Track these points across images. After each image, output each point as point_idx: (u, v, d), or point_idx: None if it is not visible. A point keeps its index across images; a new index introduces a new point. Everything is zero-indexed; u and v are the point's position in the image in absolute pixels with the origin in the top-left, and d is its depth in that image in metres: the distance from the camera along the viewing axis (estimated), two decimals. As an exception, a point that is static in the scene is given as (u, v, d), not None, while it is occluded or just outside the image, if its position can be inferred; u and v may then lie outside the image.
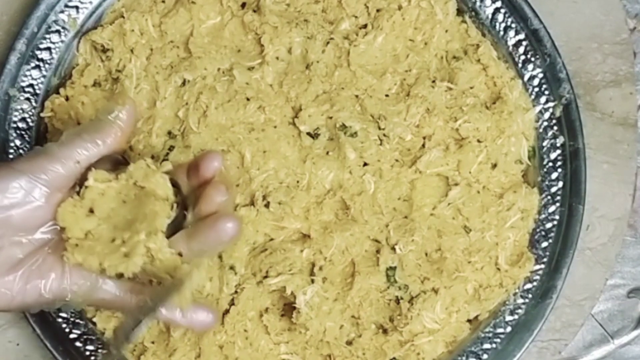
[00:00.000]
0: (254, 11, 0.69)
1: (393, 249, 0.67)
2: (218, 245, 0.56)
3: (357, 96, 0.69)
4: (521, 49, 0.70)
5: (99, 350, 0.68)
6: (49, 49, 0.70)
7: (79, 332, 0.68)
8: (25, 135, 0.69)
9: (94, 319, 0.68)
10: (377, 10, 0.70)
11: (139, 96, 0.69)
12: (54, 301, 0.55)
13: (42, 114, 0.70)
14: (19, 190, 0.53)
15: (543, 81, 0.70)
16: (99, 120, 0.56)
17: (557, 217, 0.69)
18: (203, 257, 0.57)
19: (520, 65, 0.70)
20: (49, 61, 0.70)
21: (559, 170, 0.69)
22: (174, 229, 0.55)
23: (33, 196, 0.54)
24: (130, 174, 0.55)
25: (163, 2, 0.70)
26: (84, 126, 0.57)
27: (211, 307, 0.60)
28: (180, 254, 0.55)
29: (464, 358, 0.68)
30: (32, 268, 0.54)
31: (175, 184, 0.56)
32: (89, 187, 0.55)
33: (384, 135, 0.68)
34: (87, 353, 0.68)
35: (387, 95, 0.69)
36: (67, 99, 0.69)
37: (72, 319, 0.68)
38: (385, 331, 0.67)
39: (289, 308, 0.67)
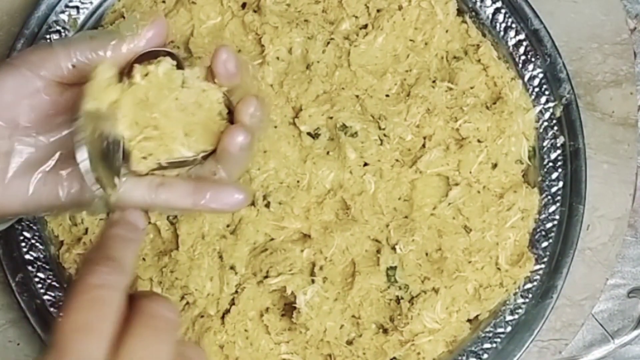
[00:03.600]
0: (255, 11, 0.69)
1: (393, 248, 0.67)
2: (231, 158, 0.53)
3: (357, 96, 0.69)
4: (521, 49, 0.70)
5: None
6: (49, 49, 0.70)
7: (79, 332, 0.68)
8: (26, 135, 0.69)
9: (95, 319, 0.68)
10: (378, 11, 0.70)
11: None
12: (72, 207, 0.53)
13: (42, 114, 0.70)
14: (18, 85, 0.51)
15: (543, 81, 0.70)
16: (112, 31, 0.53)
17: (557, 217, 0.69)
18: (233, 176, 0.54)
19: (520, 65, 0.70)
20: (49, 61, 0.70)
21: (559, 170, 0.69)
22: None
23: (33, 91, 0.52)
24: (185, 80, 0.52)
25: (163, 2, 0.70)
26: (100, 32, 0.54)
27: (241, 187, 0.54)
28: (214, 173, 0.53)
29: (464, 358, 0.68)
30: (47, 170, 0.52)
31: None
32: (135, 84, 0.51)
33: (385, 135, 0.68)
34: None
35: (387, 96, 0.70)
36: (67, 99, 0.69)
37: (72, 319, 0.68)
38: (385, 331, 0.67)
39: (289, 308, 0.67)
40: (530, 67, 0.70)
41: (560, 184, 0.69)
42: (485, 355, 0.68)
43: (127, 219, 0.51)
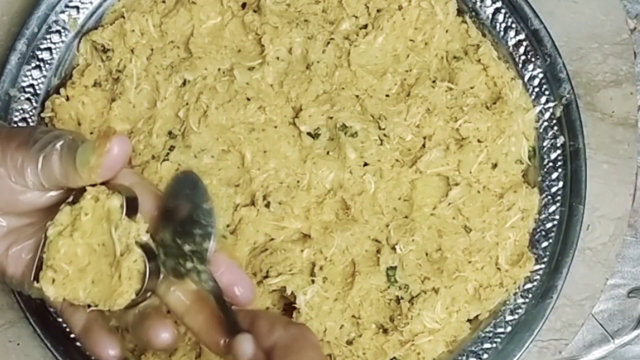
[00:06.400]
0: (255, 11, 0.69)
1: (393, 248, 0.67)
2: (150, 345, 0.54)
3: (357, 96, 0.69)
4: (521, 49, 0.70)
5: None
6: (49, 49, 0.70)
7: (79, 332, 0.68)
8: (26, 135, 0.69)
9: (95, 319, 0.68)
10: (378, 11, 0.70)
11: (139, 96, 0.69)
12: (16, 287, 0.56)
13: (42, 114, 0.70)
14: None
15: (543, 81, 0.70)
16: (74, 160, 0.51)
17: (557, 217, 0.69)
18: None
19: (520, 65, 0.70)
20: (49, 61, 0.70)
21: (559, 170, 0.69)
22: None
23: (5, 188, 0.52)
24: (119, 225, 0.53)
25: (163, 2, 0.70)
26: (67, 155, 0.52)
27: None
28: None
29: (464, 358, 0.68)
30: (6, 245, 0.54)
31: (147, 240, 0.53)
32: (82, 206, 0.53)
33: (385, 135, 0.68)
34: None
35: (387, 96, 0.70)
36: (67, 99, 0.69)
37: (72, 319, 0.68)
38: (385, 331, 0.67)
39: (289, 308, 0.67)
40: (530, 67, 0.70)
41: (560, 184, 0.69)
42: (485, 355, 0.68)
43: None
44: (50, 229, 0.53)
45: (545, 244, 0.69)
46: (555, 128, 0.70)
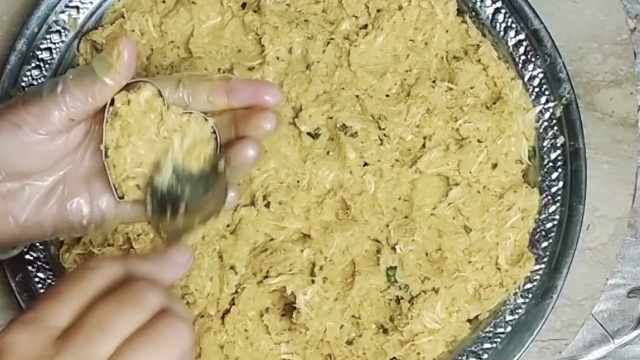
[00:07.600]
0: (255, 11, 0.69)
1: (393, 248, 0.67)
2: (240, 169, 0.56)
3: (357, 96, 0.69)
4: (521, 49, 0.70)
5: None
6: (49, 49, 0.70)
7: (79, 332, 0.68)
8: (26, 135, 0.69)
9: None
10: (378, 11, 0.70)
11: (139, 96, 0.69)
12: (89, 226, 0.57)
13: (42, 114, 0.70)
14: (22, 144, 0.53)
15: (543, 81, 0.70)
16: (92, 74, 0.53)
17: (557, 217, 0.69)
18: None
19: (520, 65, 0.70)
20: (49, 61, 0.70)
21: (560, 170, 0.69)
22: None
23: (38, 146, 0.54)
24: (168, 106, 0.55)
25: (163, 2, 0.70)
26: (80, 72, 0.54)
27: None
28: None
29: (464, 358, 0.68)
30: (59, 201, 0.56)
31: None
32: (119, 114, 0.54)
33: (385, 135, 0.68)
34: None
35: (387, 95, 0.70)
36: (67, 99, 0.69)
37: (72, 319, 0.68)
38: (385, 331, 0.67)
39: (289, 308, 0.67)
40: (530, 67, 0.70)
41: (560, 184, 0.69)
42: (485, 355, 0.68)
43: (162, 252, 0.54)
44: (108, 150, 0.54)
45: (545, 244, 0.69)
46: (555, 128, 0.70)
